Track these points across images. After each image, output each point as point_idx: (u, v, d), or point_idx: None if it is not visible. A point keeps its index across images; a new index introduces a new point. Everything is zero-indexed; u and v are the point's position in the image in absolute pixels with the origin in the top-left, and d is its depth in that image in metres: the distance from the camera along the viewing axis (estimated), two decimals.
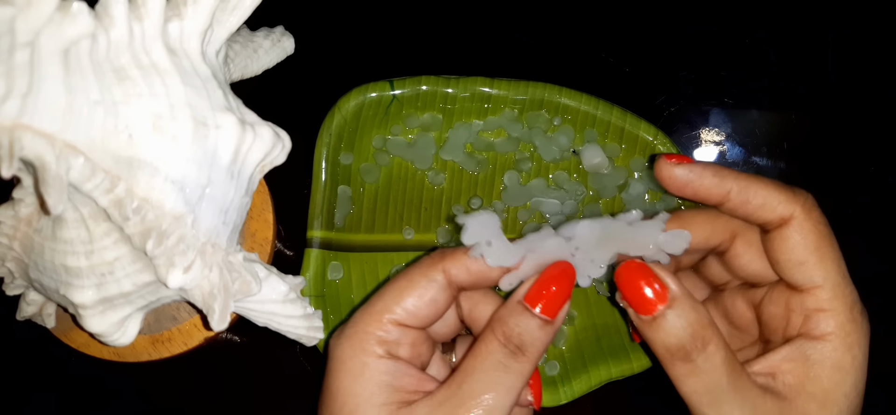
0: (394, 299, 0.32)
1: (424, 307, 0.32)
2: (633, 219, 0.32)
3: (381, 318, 0.32)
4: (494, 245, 0.31)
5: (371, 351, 0.31)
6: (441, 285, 0.32)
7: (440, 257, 0.32)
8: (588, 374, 0.42)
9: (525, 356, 0.30)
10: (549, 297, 0.31)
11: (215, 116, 0.30)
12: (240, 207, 0.32)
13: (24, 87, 0.24)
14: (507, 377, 0.30)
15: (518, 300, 0.31)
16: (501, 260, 0.31)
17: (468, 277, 0.32)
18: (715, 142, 0.49)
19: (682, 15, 0.52)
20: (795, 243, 0.31)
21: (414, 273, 0.32)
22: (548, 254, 0.32)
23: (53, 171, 0.26)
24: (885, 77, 0.51)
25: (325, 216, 0.43)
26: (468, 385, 0.30)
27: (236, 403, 0.45)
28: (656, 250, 0.32)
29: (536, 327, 0.30)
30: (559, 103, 0.45)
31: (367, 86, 0.45)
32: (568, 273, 0.31)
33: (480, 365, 0.30)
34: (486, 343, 0.31)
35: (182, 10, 0.30)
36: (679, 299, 0.30)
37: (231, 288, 0.31)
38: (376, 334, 0.31)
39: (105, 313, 0.32)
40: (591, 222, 0.32)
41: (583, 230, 0.32)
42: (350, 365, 0.31)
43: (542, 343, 0.31)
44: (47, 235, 0.31)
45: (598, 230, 0.32)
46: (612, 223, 0.32)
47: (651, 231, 0.32)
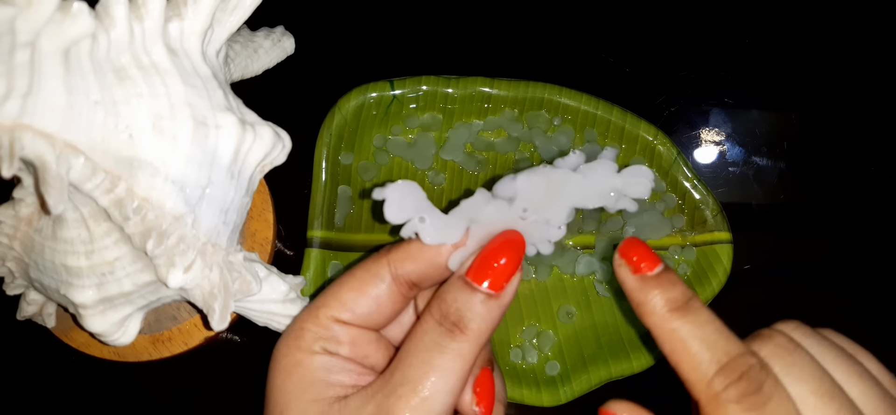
0: (333, 295, 0.30)
1: (366, 304, 0.30)
2: (575, 163, 0.29)
3: (318, 313, 0.30)
4: (428, 220, 0.28)
5: (305, 348, 0.29)
6: (386, 282, 0.30)
7: (386, 252, 0.30)
8: (588, 373, 0.42)
9: (464, 335, 0.27)
10: (497, 271, 0.28)
11: (215, 116, 0.30)
12: (240, 206, 0.32)
13: (25, 87, 0.24)
14: (443, 359, 0.27)
15: (459, 275, 0.29)
16: (440, 236, 0.28)
17: (416, 268, 0.29)
18: (715, 142, 0.49)
19: (682, 15, 0.52)
20: None
21: (358, 268, 0.30)
22: (495, 222, 0.29)
23: (54, 171, 0.26)
24: (884, 77, 0.51)
25: (325, 216, 0.44)
26: (401, 371, 0.27)
27: (236, 403, 0.45)
28: (618, 196, 0.29)
29: (478, 302, 0.28)
30: (559, 103, 0.45)
31: (367, 86, 0.45)
32: (515, 242, 0.29)
33: (415, 347, 0.28)
34: (422, 323, 0.28)
35: (182, 10, 0.30)
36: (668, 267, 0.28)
37: (231, 288, 0.31)
38: (311, 330, 0.29)
39: (105, 312, 0.32)
40: (529, 175, 0.28)
41: (523, 186, 0.28)
42: (284, 363, 0.29)
43: (487, 321, 0.28)
44: (48, 235, 0.31)
45: (541, 183, 0.28)
46: (554, 172, 0.28)
47: (605, 174, 0.29)
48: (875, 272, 0.47)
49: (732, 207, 0.46)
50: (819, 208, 0.49)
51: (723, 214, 0.45)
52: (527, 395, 0.41)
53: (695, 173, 0.45)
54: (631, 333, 0.43)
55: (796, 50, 0.52)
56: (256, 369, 0.45)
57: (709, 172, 0.49)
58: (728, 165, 0.49)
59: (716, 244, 0.44)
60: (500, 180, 0.28)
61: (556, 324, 0.44)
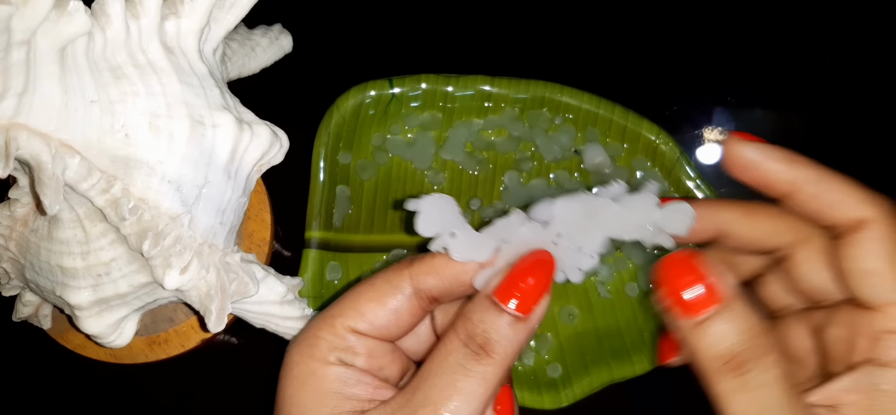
0: (350, 305, 0.29)
1: (385, 316, 0.29)
2: (616, 192, 0.28)
3: (334, 323, 0.29)
4: (459, 236, 0.27)
5: (320, 358, 0.28)
6: (407, 295, 0.29)
7: (408, 263, 0.29)
8: (589, 376, 0.42)
9: (490, 358, 0.26)
10: (525, 291, 0.27)
11: (212, 115, 0.30)
12: (237, 207, 0.32)
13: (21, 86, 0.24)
14: (468, 382, 0.26)
15: (486, 295, 0.27)
16: (470, 253, 0.27)
17: (438, 284, 0.28)
18: (717, 141, 0.49)
19: (684, 15, 0.52)
20: (869, 250, 0.26)
21: (377, 278, 0.29)
22: (526, 244, 0.28)
23: (49, 170, 0.25)
24: (885, 77, 0.51)
25: (323, 216, 0.43)
26: (423, 392, 0.26)
27: (233, 405, 0.45)
28: (656, 231, 0.27)
29: (505, 324, 0.27)
30: (560, 102, 0.45)
31: (366, 84, 0.45)
32: (545, 263, 0.27)
33: (438, 368, 0.27)
34: (446, 343, 0.27)
35: (179, 8, 0.29)
36: (734, 300, 0.25)
37: (228, 289, 0.31)
38: (327, 340, 0.28)
39: (101, 314, 0.32)
40: (568, 200, 0.27)
41: (561, 211, 0.27)
42: (297, 372, 0.28)
43: (513, 344, 0.27)
44: (43, 236, 0.31)
45: (579, 210, 0.27)
46: (594, 200, 0.27)
47: (645, 207, 0.27)
48: None
49: None
50: None
51: None
52: (528, 397, 0.41)
53: (698, 173, 0.45)
54: (633, 335, 0.43)
55: (797, 50, 0.52)
56: (254, 370, 0.45)
57: (712, 171, 0.48)
58: None
59: None
60: (538, 204, 0.27)
61: (557, 325, 0.44)
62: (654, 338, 0.42)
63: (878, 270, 0.26)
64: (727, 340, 0.25)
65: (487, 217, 0.45)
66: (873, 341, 0.26)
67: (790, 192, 0.27)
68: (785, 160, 0.27)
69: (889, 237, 0.26)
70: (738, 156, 0.28)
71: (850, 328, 0.28)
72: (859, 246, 0.26)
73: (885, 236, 0.26)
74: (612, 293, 0.44)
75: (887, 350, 0.26)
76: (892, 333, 0.26)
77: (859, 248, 0.26)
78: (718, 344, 0.25)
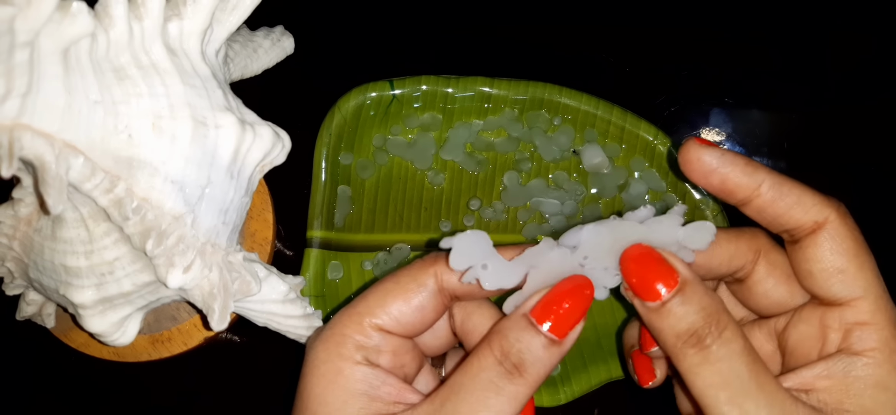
0: (377, 302, 0.29)
1: (410, 314, 0.29)
2: (644, 216, 0.28)
3: (362, 321, 0.29)
4: (490, 267, 0.28)
5: (347, 356, 0.28)
6: (431, 292, 0.29)
7: (433, 261, 0.29)
8: (588, 373, 0.42)
9: (523, 378, 0.26)
10: (561, 315, 0.27)
11: (215, 116, 0.30)
12: (239, 206, 0.32)
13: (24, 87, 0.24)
14: (498, 400, 0.26)
15: (523, 313, 0.27)
16: (500, 282, 0.28)
17: (462, 286, 0.28)
18: (715, 142, 0.49)
19: (683, 15, 0.52)
20: (830, 250, 0.27)
21: (402, 276, 0.29)
22: (553, 268, 0.28)
23: (53, 170, 0.25)
24: (885, 77, 0.51)
25: (324, 216, 0.43)
26: (452, 404, 0.26)
27: (236, 403, 0.45)
28: (678, 248, 0.28)
29: (541, 346, 0.27)
30: (559, 103, 0.45)
31: (366, 85, 0.45)
32: (584, 289, 0.28)
33: (470, 383, 0.27)
34: (480, 358, 0.27)
35: (182, 9, 0.30)
36: (690, 283, 0.27)
37: (231, 288, 0.31)
38: (354, 338, 0.28)
39: (105, 312, 0.32)
40: (596, 227, 0.28)
41: (589, 237, 0.28)
42: (324, 370, 0.28)
43: (545, 366, 0.27)
44: (47, 235, 0.31)
45: (607, 235, 0.28)
46: (621, 225, 0.28)
47: (669, 227, 0.28)
48: None
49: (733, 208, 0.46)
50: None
51: (723, 215, 0.45)
52: None
53: None
54: None
55: (796, 50, 0.52)
56: (256, 369, 0.45)
57: None
58: None
59: None
60: (568, 231, 0.28)
61: None
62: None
63: (842, 267, 0.27)
64: (686, 319, 0.26)
65: (487, 217, 0.45)
66: (844, 333, 0.28)
67: (749, 197, 0.28)
68: (744, 166, 0.28)
69: (847, 235, 0.27)
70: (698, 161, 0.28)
71: (817, 325, 0.29)
72: (821, 246, 0.28)
73: (843, 235, 0.27)
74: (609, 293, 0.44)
75: (859, 341, 0.27)
76: (862, 325, 0.27)
77: (821, 248, 0.28)
78: (678, 324, 0.26)
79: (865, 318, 0.27)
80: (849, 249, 0.27)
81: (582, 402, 0.42)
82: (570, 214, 0.45)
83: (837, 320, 0.28)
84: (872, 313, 0.27)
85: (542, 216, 0.45)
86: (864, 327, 0.27)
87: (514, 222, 0.46)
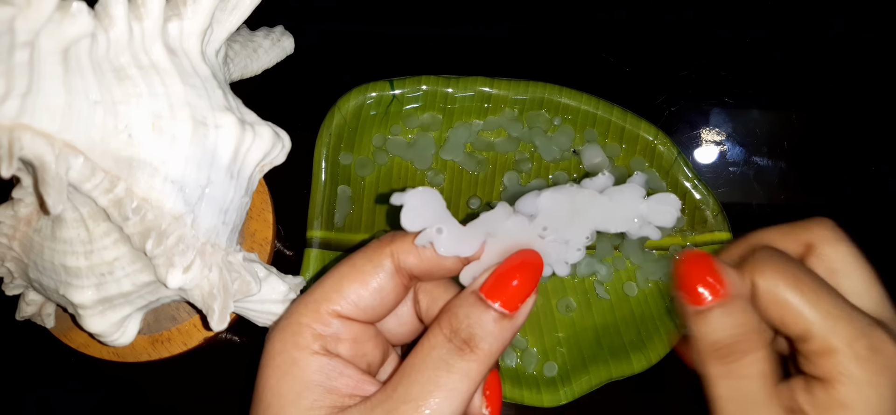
0: (333, 287, 0.28)
1: (369, 297, 0.28)
2: (602, 184, 0.27)
3: (318, 308, 0.28)
4: (445, 231, 0.27)
5: (303, 346, 0.27)
6: (389, 272, 0.28)
7: (388, 240, 0.28)
8: (588, 374, 0.42)
9: (474, 354, 0.26)
10: (511, 291, 0.27)
11: (215, 116, 0.30)
12: (239, 206, 0.32)
13: (24, 87, 0.24)
14: (450, 378, 0.26)
15: (473, 290, 0.27)
16: (455, 248, 0.27)
17: (420, 264, 0.28)
18: (715, 141, 0.49)
19: (683, 15, 0.52)
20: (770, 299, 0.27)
21: (358, 258, 0.28)
22: (512, 237, 0.27)
23: (53, 170, 0.25)
24: (884, 77, 0.51)
25: (324, 216, 0.43)
26: (404, 387, 0.26)
27: (236, 403, 0.45)
28: (642, 223, 0.28)
29: (491, 320, 0.26)
30: (559, 103, 0.45)
31: (366, 85, 0.45)
32: (533, 264, 0.27)
33: (421, 363, 0.26)
34: (430, 338, 0.27)
35: (182, 9, 0.30)
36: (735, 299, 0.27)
37: (230, 288, 0.31)
38: (311, 327, 0.27)
39: (104, 313, 0.32)
40: (553, 193, 0.27)
41: (547, 203, 0.27)
42: (278, 361, 0.27)
43: (498, 340, 0.26)
44: (47, 235, 0.31)
45: (565, 203, 0.27)
46: (580, 193, 0.27)
47: (631, 200, 0.27)
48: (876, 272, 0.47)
49: (733, 207, 0.46)
50: (820, 208, 0.48)
51: (723, 214, 0.45)
52: (527, 395, 0.41)
53: (695, 173, 0.45)
54: (631, 334, 0.43)
55: (796, 50, 0.52)
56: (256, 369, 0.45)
57: (709, 172, 0.49)
58: (728, 165, 0.49)
59: (716, 244, 0.44)
60: (524, 196, 0.27)
61: (555, 319, 0.44)
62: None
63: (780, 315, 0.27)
64: (722, 330, 0.27)
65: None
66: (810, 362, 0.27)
67: None
68: None
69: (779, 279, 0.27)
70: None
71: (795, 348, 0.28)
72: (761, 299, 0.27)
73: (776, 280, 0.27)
74: (610, 293, 0.44)
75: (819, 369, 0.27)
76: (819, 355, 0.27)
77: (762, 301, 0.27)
78: (714, 332, 0.27)
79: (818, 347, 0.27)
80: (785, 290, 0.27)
81: (582, 402, 0.42)
82: None
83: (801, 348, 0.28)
84: (824, 339, 0.27)
85: None
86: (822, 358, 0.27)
87: None
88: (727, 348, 0.27)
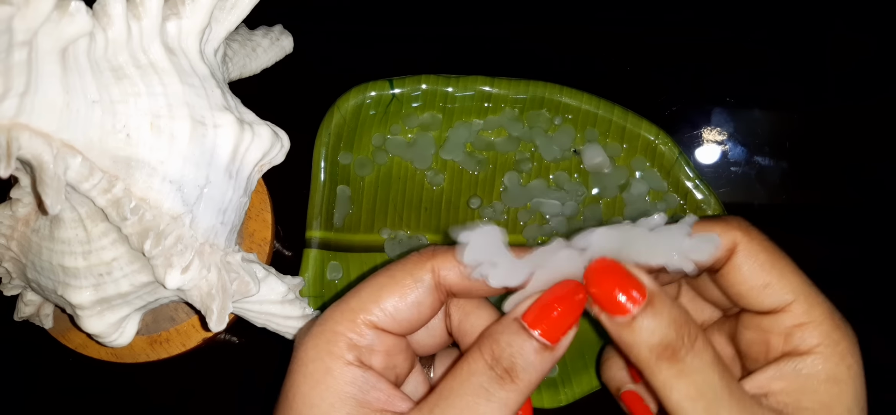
0: (372, 298, 0.27)
1: (406, 310, 0.28)
2: (655, 224, 0.28)
3: (355, 318, 0.27)
4: (500, 265, 0.27)
5: (338, 355, 0.27)
6: (428, 287, 0.28)
7: (430, 255, 0.28)
8: (589, 375, 0.42)
9: (514, 384, 0.26)
10: (553, 320, 0.26)
11: (213, 116, 0.30)
12: (238, 206, 0.32)
13: (22, 87, 0.24)
14: (489, 407, 0.25)
15: (515, 318, 0.27)
16: (506, 280, 0.27)
17: (460, 282, 0.28)
18: (716, 141, 0.49)
19: (683, 15, 0.52)
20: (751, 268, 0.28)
21: (397, 270, 0.28)
22: (559, 269, 0.27)
23: (51, 170, 0.25)
24: (884, 77, 0.51)
25: (324, 216, 0.43)
26: (441, 410, 0.25)
27: (234, 404, 0.45)
28: (681, 258, 0.28)
29: (533, 351, 0.26)
30: (560, 103, 0.45)
31: (366, 85, 0.45)
32: (577, 295, 0.27)
33: (460, 388, 0.26)
34: (470, 363, 0.26)
35: (180, 8, 0.30)
36: (657, 295, 0.26)
37: (229, 288, 0.31)
38: (347, 336, 0.27)
39: (103, 313, 0.32)
40: (607, 231, 0.27)
41: (599, 241, 0.27)
42: (311, 369, 0.27)
43: (538, 372, 0.26)
44: (45, 235, 0.31)
45: (616, 239, 0.27)
46: (632, 231, 0.27)
47: (675, 237, 0.28)
48: (877, 272, 0.47)
49: (734, 207, 0.46)
50: (821, 208, 0.48)
51: (724, 214, 0.45)
52: None
53: (697, 173, 0.45)
54: None
55: (797, 50, 0.52)
56: (255, 370, 0.45)
57: (711, 172, 0.49)
58: (730, 165, 0.49)
59: None
60: (581, 233, 0.27)
61: None
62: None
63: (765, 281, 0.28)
64: (657, 332, 0.26)
65: (487, 216, 0.45)
66: (785, 337, 0.28)
67: None
68: None
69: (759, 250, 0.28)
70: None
71: (760, 331, 0.29)
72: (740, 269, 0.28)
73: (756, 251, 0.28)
74: None
75: (802, 341, 0.28)
76: (801, 326, 0.28)
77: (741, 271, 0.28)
78: (650, 338, 0.26)
79: (802, 319, 0.28)
80: (765, 263, 0.28)
81: (583, 403, 0.42)
82: (571, 215, 0.45)
83: (776, 325, 0.28)
84: (807, 312, 0.28)
85: (543, 217, 0.45)
86: (803, 328, 0.28)
87: (515, 223, 0.45)
88: (671, 346, 0.26)
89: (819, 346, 0.27)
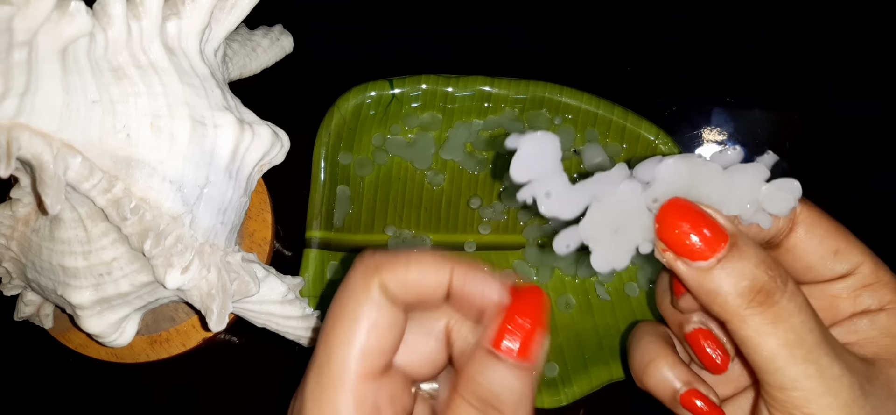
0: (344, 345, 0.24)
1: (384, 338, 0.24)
2: (730, 160, 0.25)
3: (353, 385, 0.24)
4: (552, 191, 0.24)
5: None
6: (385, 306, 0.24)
7: (374, 269, 0.24)
8: (589, 375, 0.42)
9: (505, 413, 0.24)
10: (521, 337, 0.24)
11: (213, 116, 0.30)
12: (238, 206, 0.32)
13: (22, 87, 0.24)
14: None
15: (484, 347, 0.24)
16: (559, 210, 0.24)
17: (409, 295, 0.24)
18: (717, 141, 0.49)
19: (683, 15, 0.52)
20: (819, 237, 0.28)
21: (347, 302, 0.24)
22: (619, 204, 0.24)
23: (51, 170, 0.25)
24: (884, 77, 0.51)
25: (324, 216, 0.43)
26: None
27: (234, 404, 0.45)
28: (755, 210, 0.25)
29: (512, 376, 0.24)
30: (560, 102, 0.45)
31: (366, 85, 0.45)
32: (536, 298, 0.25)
33: None
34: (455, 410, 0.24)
35: (180, 8, 0.30)
36: (741, 237, 0.24)
37: (229, 288, 0.31)
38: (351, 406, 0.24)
39: (103, 313, 0.32)
40: (676, 163, 0.24)
41: (666, 174, 0.24)
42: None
43: (522, 393, 0.24)
44: (45, 235, 0.31)
45: (686, 176, 0.24)
46: (704, 167, 0.24)
47: (752, 181, 0.25)
48: None
49: None
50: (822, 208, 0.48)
51: None
52: None
53: None
54: None
55: (797, 50, 0.52)
56: (255, 370, 0.45)
57: None
58: None
59: None
60: (645, 161, 0.25)
61: (556, 321, 0.44)
62: None
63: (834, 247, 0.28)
64: (747, 276, 0.24)
65: (487, 217, 0.45)
66: (853, 299, 0.29)
67: None
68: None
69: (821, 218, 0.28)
70: None
71: (824, 298, 0.29)
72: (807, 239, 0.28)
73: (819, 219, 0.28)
74: (611, 294, 0.44)
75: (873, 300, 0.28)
76: (869, 286, 0.28)
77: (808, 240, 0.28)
78: (739, 282, 0.24)
79: (869, 279, 0.28)
80: (830, 229, 0.28)
81: (583, 403, 0.42)
82: None
83: (844, 289, 0.28)
84: (874, 273, 0.28)
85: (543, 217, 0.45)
86: (872, 288, 0.28)
87: (515, 223, 0.45)
88: (765, 289, 0.24)
89: (891, 302, 0.28)
